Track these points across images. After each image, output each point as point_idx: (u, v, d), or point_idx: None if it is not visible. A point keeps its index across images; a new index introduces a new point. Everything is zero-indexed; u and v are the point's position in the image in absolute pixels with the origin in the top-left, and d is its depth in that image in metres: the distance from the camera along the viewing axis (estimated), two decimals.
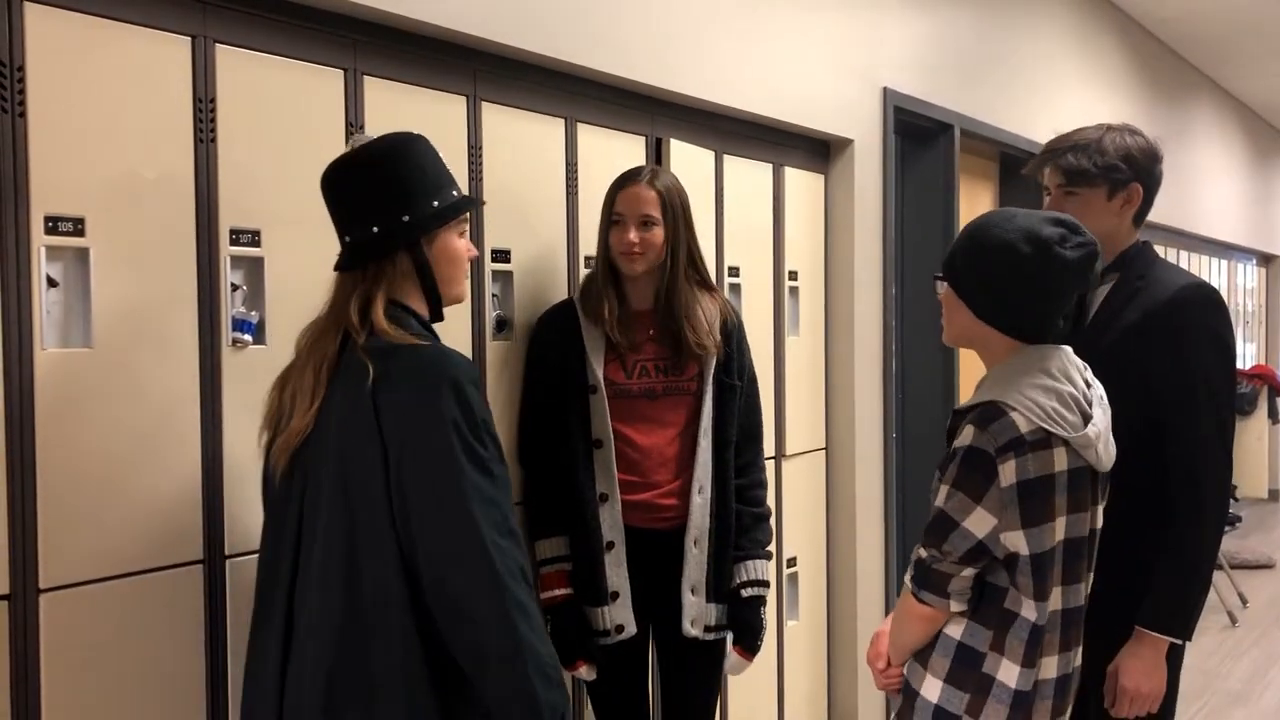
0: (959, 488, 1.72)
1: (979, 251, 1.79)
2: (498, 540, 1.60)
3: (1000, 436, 1.70)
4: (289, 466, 1.72)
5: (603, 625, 2.39)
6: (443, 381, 1.63)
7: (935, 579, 1.76)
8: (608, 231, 2.41)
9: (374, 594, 1.63)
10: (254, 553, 1.96)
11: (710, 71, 2.97)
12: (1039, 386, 1.74)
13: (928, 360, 4.23)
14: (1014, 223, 1.78)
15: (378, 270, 1.72)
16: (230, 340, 1.95)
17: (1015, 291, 1.77)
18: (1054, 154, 2.25)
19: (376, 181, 1.72)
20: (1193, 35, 6.67)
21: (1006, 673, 1.75)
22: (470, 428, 1.62)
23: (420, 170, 1.75)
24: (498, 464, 1.66)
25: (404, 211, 1.71)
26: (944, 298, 1.87)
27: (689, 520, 2.42)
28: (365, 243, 1.72)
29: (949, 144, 4.20)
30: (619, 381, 2.41)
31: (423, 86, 2.29)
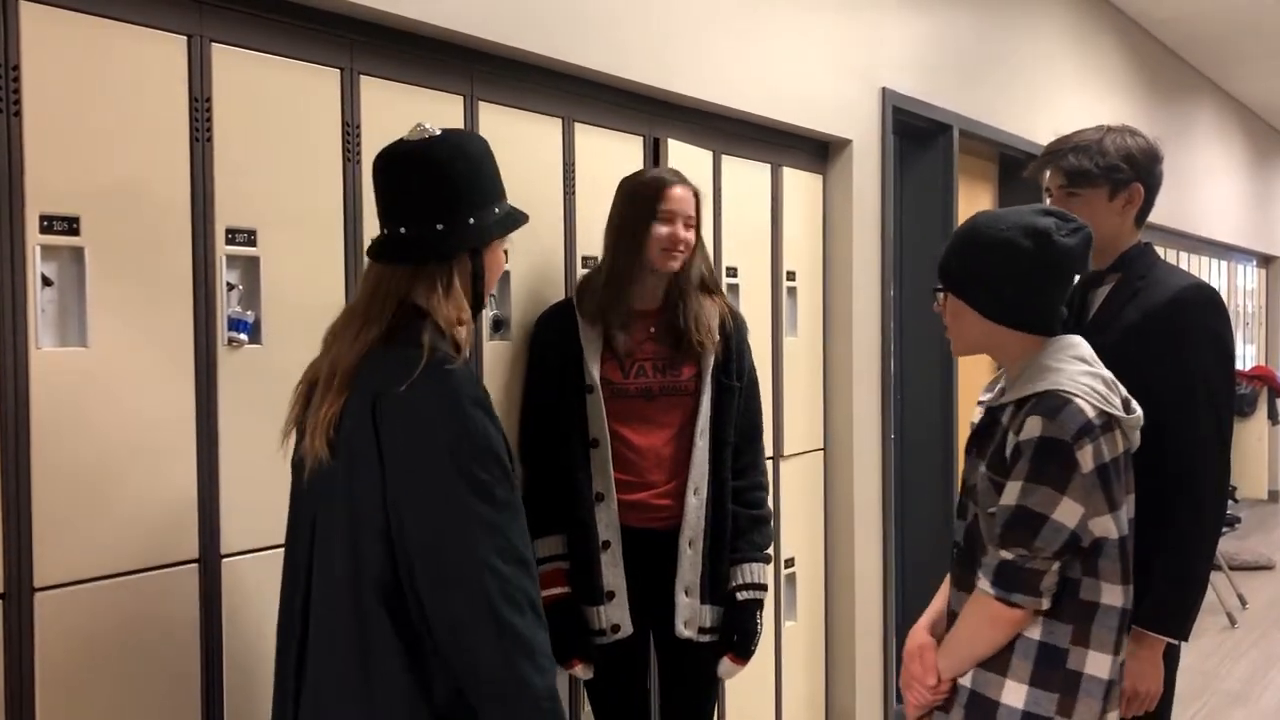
0: (1039, 481, 1.70)
1: (979, 254, 1.78)
2: (498, 567, 1.53)
3: (1072, 423, 1.69)
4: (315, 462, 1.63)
5: (599, 625, 2.39)
6: (444, 404, 1.56)
7: (1026, 579, 1.72)
8: (648, 229, 2.37)
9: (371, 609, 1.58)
10: (250, 552, 1.98)
11: (708, 71, 2.97)
12: (1087, 373, 1.75)
13: (926, 360, 4.23)
14: (1006, 220, 1.79)
15: (445, 268, 1.65)
16: (226, 340, 1.95)
17: (1023, 287, 1.77)
18: (1055, 156, 2.25)
19: (445, 177, 1.64)
20: (1192, 36, 6.67)
21: (1096, 665, 1.74)
22: (471, 452, 1.54)
23: (486, 174, 1.70)
24: (503, 487, 1.56)
25: (470, 214, 1.65)
26: (947, 309, 1.86)
27: (684, 520, 2.42)
28: (427, 239, 1.64)
29: (948, 145, 4.20)
30: (616, 381, 2.41)
31: (420, 86, 2.28)
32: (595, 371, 2.39)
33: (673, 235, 2.39)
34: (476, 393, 1.61)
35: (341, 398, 1.63)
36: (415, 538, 1.55)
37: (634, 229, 2.39)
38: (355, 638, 1.59)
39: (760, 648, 2.67)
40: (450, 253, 1.66)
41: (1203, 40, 6.77)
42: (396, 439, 1.57)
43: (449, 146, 1.67)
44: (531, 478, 2.44)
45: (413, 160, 1.66)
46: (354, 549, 1.60)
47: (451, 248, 1.66)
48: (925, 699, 1.87)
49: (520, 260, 2.51)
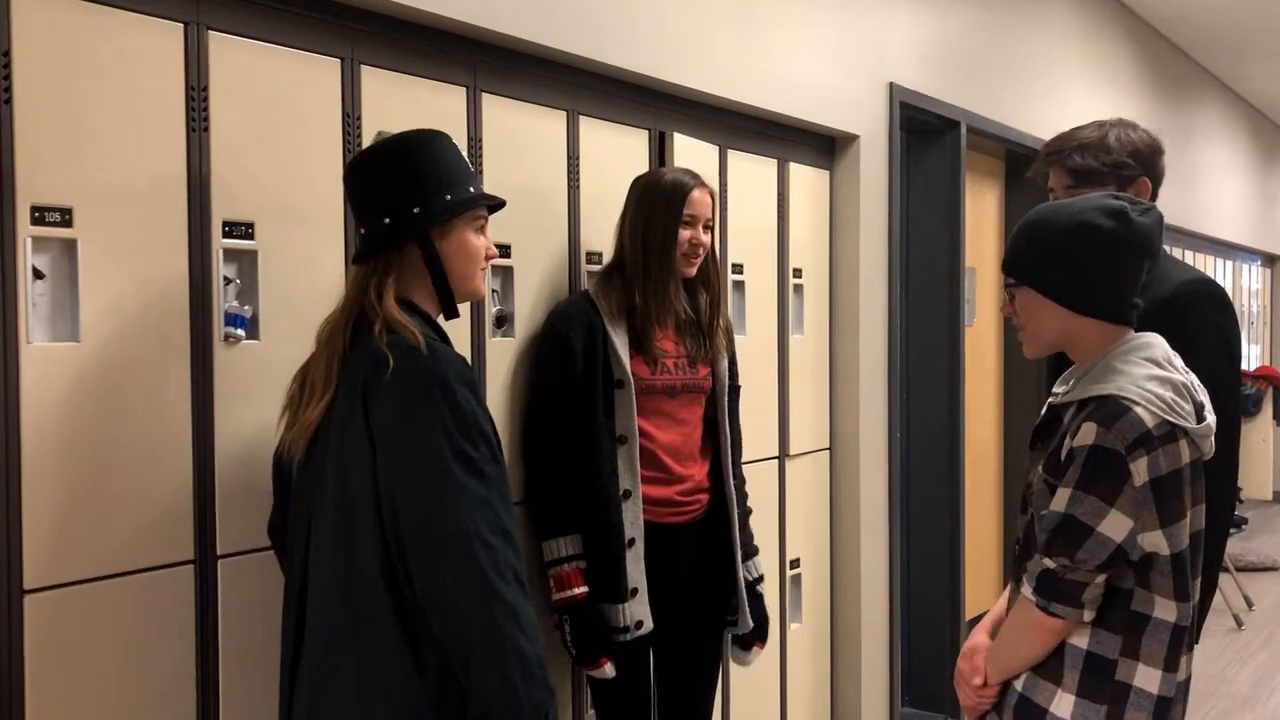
0: (1088, 490, 1.63)
1: (1056, 240, 1.72)
2: (488, 539, 1.59)
3: (1128, 433, 1.62)
4: (304, 458, 1.72)
5: (622, 622, 2.37)
6: (431, 382, 1.62)
7: (1068, 589, 1.66)
8: (675, 233, 2.39)
9: (366, 593, 1.62)
10: (247, 552, 1.93)
11: (715, 65, 2.92)
12: (1154, 377, 1.67)
13: (933, 359, 4.18)
14: (1076, 206, 1.74)
15: (386, 261, 1.72)
16: (223, 335, 1.90)
17: (1107, 269, 1.71)
18: (1059, 155, 2.21)
19: (392, 174, 1.73)
20: (1200, 34, 6.62)
21: (1145, 678, 1.68)
22: (460, 429, 1.61)
23: (437, 164, 1.75)
24: (490, 464, 1.64)
25: (415, 203, 1.72)
26: (1021, 307, 1.79)
27: (729, 514, 2.50)
28: (377, 234, 1.72)
29: (955, 141, 4.15)
30: (644, 377, 2.40)
31: (422, 77, 2.24)
32: (627, 366, 2.36)
33: (694, 239, 2.43)
34: (464, 372, 1.67)
35: (323, 401, 1.68)
36: (407, 514, 1.60)
37: (662, 234, 2.40)
38: (349, 621, 1.63)
39: (766, 650, 2.69)
40: (391, 243, 1.72)
41: (1210, 38, 6.73)
42: (386, 421, 1.62)
43: (395, 143, 1.75)
44: (544, 476, 2.41)
45: (366, 161, 1.76)
46: (346, 533, 1.63)
47: (394, 239, 1.72)
48: (972, 700, 1.84)
49: (524, 256, 2.47)
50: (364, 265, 1.74)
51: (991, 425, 4.89)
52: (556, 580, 2.35)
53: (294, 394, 1.77)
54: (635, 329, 2.40)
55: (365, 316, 1.70)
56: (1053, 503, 1.69)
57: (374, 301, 1.69)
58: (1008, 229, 4.96)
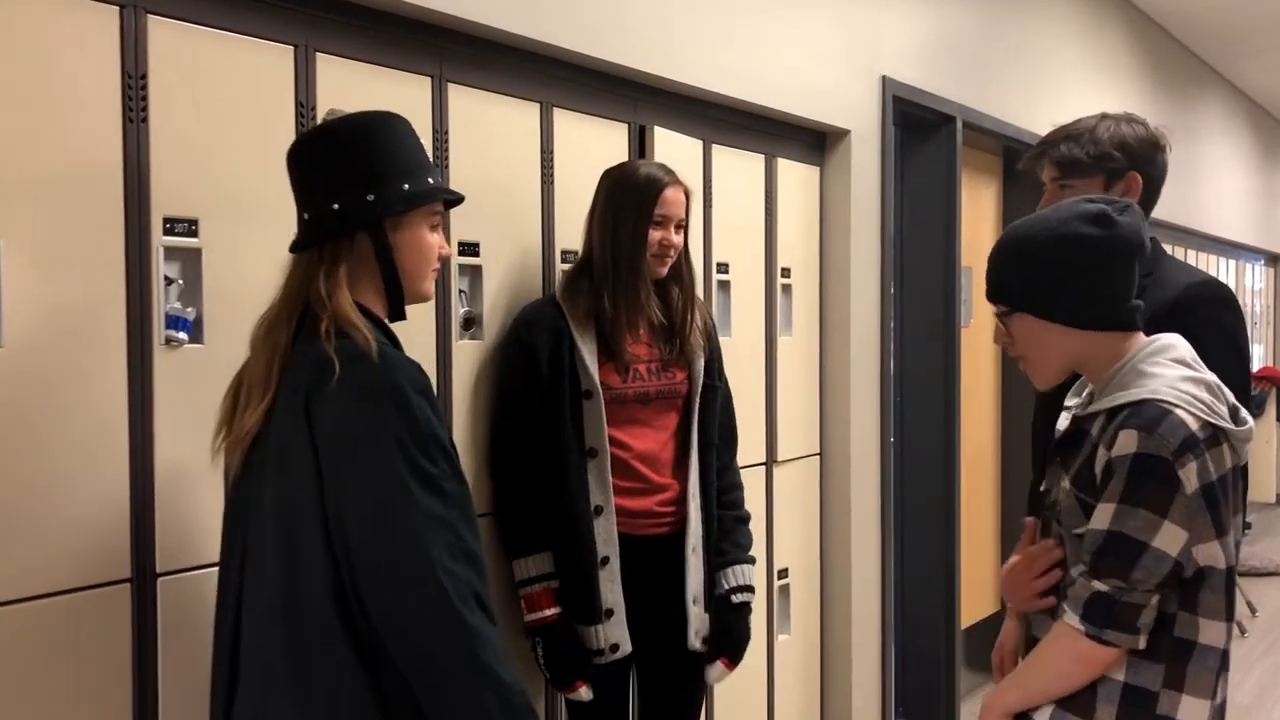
0: (1137, 503, 1.50)
1: (1043, 258, 1.62)
2: (450, 565, 1.46)
3: (1172, 438, 1.50)
4: (242, 469, 1.58)
5: (596, 644, 2.25)
6: (384, 392, 1.48)
7: (1123, 614, 1.52)
8: (646, 233, 2.26)
9: (315, 622, 1.48)
10: (188, 570, 1.82)
11: (699, 55, 2.81)
12: (1187, 378, 1.56)
13: (927, 362, 4.07)
14: (1055, 217, 1.63)
15: (335, 250, 1.57)
16: (163, 339, 1.78)
17: (1101, 278, 1.60)
18: (1049, 146, 2.11)
19: (344, 156, 1.58)
20: (1201, 28, 6.51)
21: (1190, 712, 1.55)
22: (417, 443, 1.48)
23: (395, 150, 1.61)
24: (451, 481, 1.51)
25: (370, 190, 1.57)
26: (1019, 336, 1.67)
27: (688, 527, 2.33)
28: (324, 219, 1.57)
29: (951, 137, 4.03)
30: (614, 386, 2.28)
31: (382, 66, 2.12)
32: (595, 375, 2.24)
33: (664, 240, 2.30)
34: (419, 379, 1.53)
35: (261, 406, 1.54)
36: (360, 537, 1.46)
37: (633, 233, 2.27)
38: (294, 658, 1.49)
39: (752, 662, 2.57)
40: (340, 231, 1.57)
41: (1211, 32, 6.62)
42: (334, 435, 1.48)
43: (350, 123, 1.61)
44: (511, 491, 2.30)
45: (312, 142, 1.62)
46: (291, 557, 1.50)
47: (343, 226, 1.57)
48: None
49: (494, 254, 2.35)
50: (306, 255, 1.59)
51: (988, 429, 4.77)
52: (527, 601, 2.24)
53: (229, 403, 1.63)
54: (604, 334, 2.28)
55: (310, 312, 1.56)
56: (1094, 520, 1.55)
57: (323, 296, 1.55)
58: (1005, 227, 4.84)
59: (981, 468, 4.69)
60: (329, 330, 1.52)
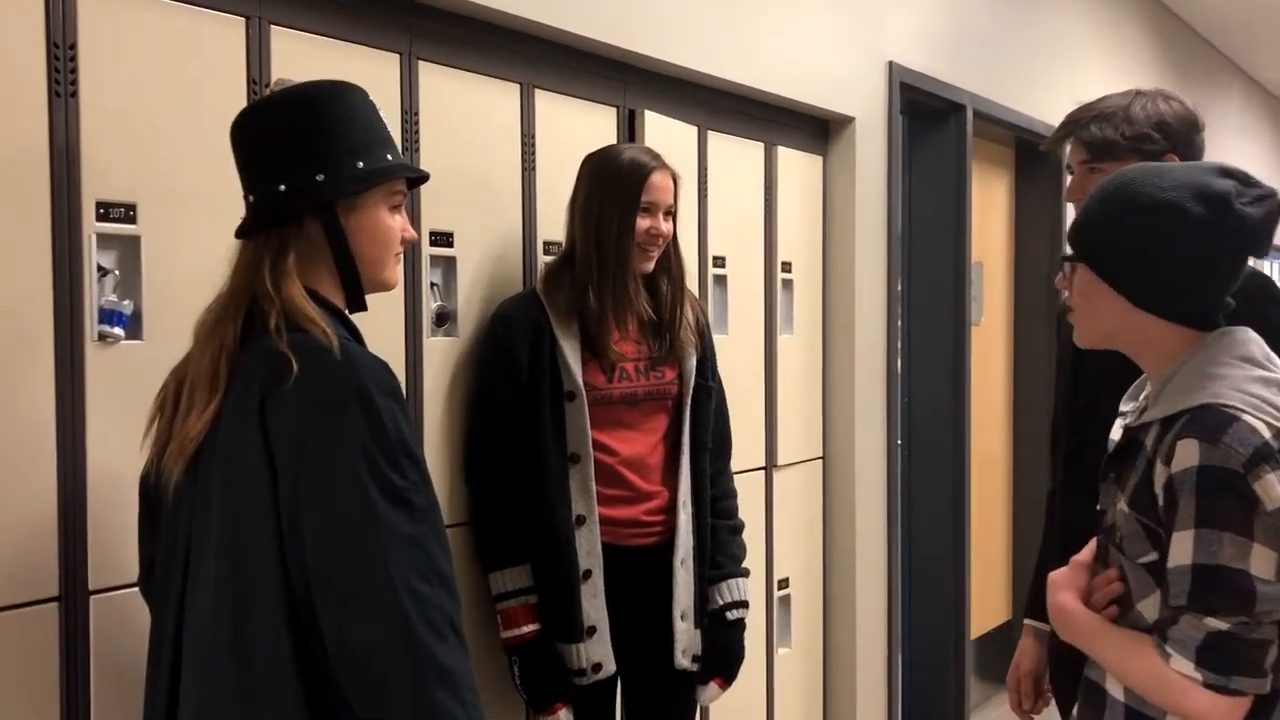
0: (1222, 525, 1.29)
1: (1131, 219, 1.39)
2: (417, 587, 1.31)
3: (1242, 447, 1.30)
4: (184, 477, 1.41)
5: (578, 664, 2.09)
6: (347, 394, 1.33)
7: (1249, 656, 1.30)
8: (633, 222, 2.10)
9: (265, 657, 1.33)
10: (125, 587, 1.66)
11: (694, 35, 2.64)
12: (1258, 379, 1.36)
13: (935, 361, 3.90)
14: (1171, 177, 1.39)
15: (282, 237, 1.41)
16: (96, 335, 1.63)
17: (1186, 267, 1.38)
18: (1075, 125, 1.94)
19: (291, 131, 1.42)
20: (1219, 19, 6.34)
21: None
22: (383, 451, 1.32)
23: (347, 124, 1.44)
24: (419, 493, 1.36)
25: (320, 169, 1.41)
26: (1078, 286, 1.47)
27: (676, 538, 2.17)
28: (269, 202, 1.42)
29: (960, 126, 3.86)
30: (599, 386, 2.12)
31: (344, 40, 1.96)
32: (578, 375, 2.08)
33: (652, 230, 2.14)
34: (386, 379, 1.38)
35: (209, 409, 1.38)
36: (318, 556, 1.31)
37: (618, 222, 2.10)
38: (240, 698, 1.34)
39: (750, 677, 2.42)
40: (287, 215, 1.41)
41: (1230, 24, 6.45)
42: (290, 442, 1.33)
43: (298, 94, 1.44)
44: (487, 500, 2.14)
45: (259, 115, 1.47)
46: (239, 579, 1.34)
47: (291, 209, 1.41)
48: None
49: (470, 245, 2.20)
50: (253, 242, 1.43)
51: (1000, 432, 4.59)
52: (504, 617, 2.08)
53: (165, 401, 1.46)
54: (588, 331, 2.12)
55: (259, 306, 1.40)
56: (1173, 554, 1.33)
57: (269, 288, 1.39)
58: (1018, 221, 4.67)
59: (993, 472, 4.52)
60: (279, 325, 1.36)
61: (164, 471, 1.43)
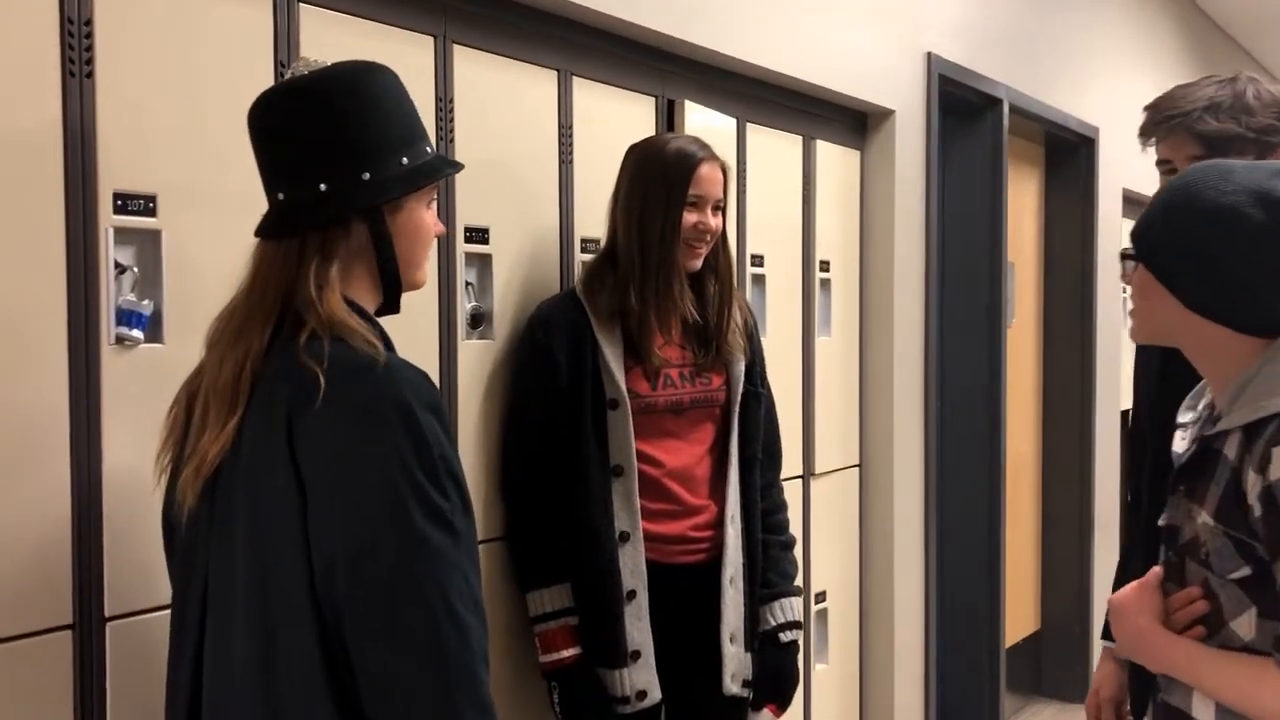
0: None
1: (1189, 222, 1.35)
2: (462, 617, 1.20)
3: None
4: (199, 500, 1.28)
5: (621, 691, 1.96)
6: (388, 409, 1.20)
7: None
8: (680, 216, 1.97)
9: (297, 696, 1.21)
10: (144, 612, 1.53)
11: (734, 23, 2.51)
12: None
13: (971, 364, 3.76)
14: (1234, 180, 1.34)
15: (326, 241, 1.28)
16: (114, 338, 1.50)
17: (1243, 273, 1.33)
18: (1183, 117, 1.76)
19: (328, 124, 1.28)
20: (1249, 18, 6.21)
21: None
22: (426, 471, 1.20)
23: (387, 115, 1.31)
24: (461, 516, 1.24)
25: (365, 167, 1.28)
26: (1136, 284, 1.43)
27: (724, 555, 2.04)
28: (309, 203, 1.28)
29: (997, 121, 3.73)
30: (643, 394, 1.99)
31: (377, 21, 1.83)
32: (621, 382, 1.95)
33: (700, 224, 2.00)
34: (428, 393, 1.25)
35: (229, 425, 1.25)
36: (353, 584, 1.19)
37: (663, 217, 1.97)
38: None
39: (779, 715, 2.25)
40: (332, 218, 1.28)
41: (1260, 23, 6.32)
42: (324, 460, 1.20)
43: (331, 82, 1.30)
44: (524, 514, 2.01)
45: (286, 104, 1.31)
46: (266, 613, 1.22)
47: (335, 212, 1.27)
48: None
49: (505, 242, 2.07)
50: (285, 244, 1.29)
51: (1030, 439, 4.46)
52: (543, 640, 1.95)
53: (177, 419, 1.34)
54: (631, 335, 1.99)
55: (292, 314, 1.27)
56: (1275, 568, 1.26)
57: (314, 297, 1.26)
58: (1049, 221, 4.54)
59: (1023, 478, 4.39)
60: (316, 334, 1.24)
61: (179, 496, 1.30)
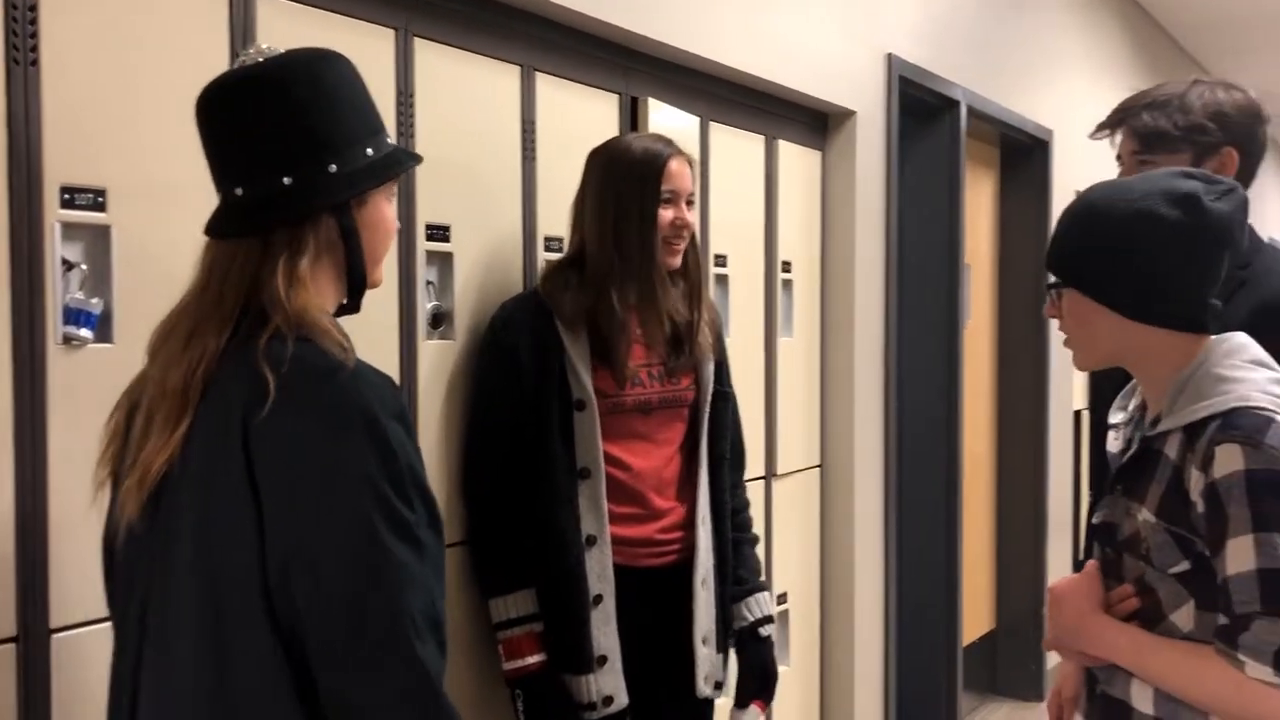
0: (1273, 528, 1.27)
1: (1109, 234, 1.39)
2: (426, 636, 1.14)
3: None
4: (141, 514, 1.19)
5: (587, 697, 1.92)
6: (353, 415, 1.14)
7: None
8: (655, 216, 1.93)
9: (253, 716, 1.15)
10: (91, 623, 1.47)
11: (697, 21, 2.48)
12: (1275, 380, 1.36)
13: (928, 365, 3.77)
14: (1136, 189, 1.40)
15: (295, 238, 1.21)
16: (61, 337, 1.44)
17: (1172, 270, 1.37)
18: (1127, 113, 1.84)
19: (288, 114, 1.21)
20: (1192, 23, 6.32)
21: None
22: (392, 482, 1.14)
23: (348, 104, 1.24)
24: (428, 529, 1.18)
25: (330, 159, 1.21)
26: (1070, 312, 1.46)
27: (696, 557, 2.01)
28: (272, 198, 1.20)
29: (954, 123, 3.74)
30: (610, 394, 1.95)
31: (336, 13, 1.78)
32: (587, 382, 1.91)
33: (677, 220, 1.97)
34: (393, 399, 1.19)
35: (175, 432, 1.17)
36: (317, 604, 1.12)
37: (639, 217, 1.93)
38: None
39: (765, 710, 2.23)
40: (301, 213, 1.21)
41: (1203, 28, 6.42)
42: (282, 471, 1.13)
43: (289, 70, 1.22)
44: (493, 519, 1.97)
45: (242, 93, 1.22)
46: (218, 636, 1.15)
47: (304, 207, 1.21)
48: None
49: (466, 240, 2.02)
50: (245, 243, 1.21)
51: (985, 439, 4.49)
52: (507, 647, 1.91)
53: (119, 428, 1.26)
54: (598, 335, 1.95)
55: (256, 314, 1.20)
56: (1231, 562, 1.29)
57: (282, 295, 1.18)
58: (1004, 223, 4.57)
59: (978, 477, 4.41)
60: (280, 335, 1.16)
61: (118, 510, 1.22)
